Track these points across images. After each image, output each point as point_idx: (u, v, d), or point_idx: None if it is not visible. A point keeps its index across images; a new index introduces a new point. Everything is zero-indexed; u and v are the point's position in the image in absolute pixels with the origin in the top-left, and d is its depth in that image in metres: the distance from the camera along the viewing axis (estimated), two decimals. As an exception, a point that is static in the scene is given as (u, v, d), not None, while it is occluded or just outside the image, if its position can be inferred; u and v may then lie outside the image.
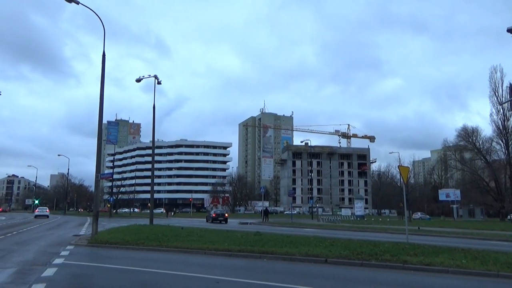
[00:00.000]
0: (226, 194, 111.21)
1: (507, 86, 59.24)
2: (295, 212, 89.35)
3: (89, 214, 67.28)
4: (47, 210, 59.54)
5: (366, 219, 53.51)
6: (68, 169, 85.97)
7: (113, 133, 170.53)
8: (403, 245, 14.61)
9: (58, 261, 11.04)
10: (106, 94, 19.41)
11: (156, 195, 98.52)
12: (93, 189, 32.90)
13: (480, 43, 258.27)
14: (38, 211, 56.99)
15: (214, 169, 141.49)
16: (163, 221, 40.29)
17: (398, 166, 21.84)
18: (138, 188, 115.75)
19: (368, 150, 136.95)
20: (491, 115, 60.50)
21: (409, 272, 10.11)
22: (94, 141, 20.51)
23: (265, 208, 52.00)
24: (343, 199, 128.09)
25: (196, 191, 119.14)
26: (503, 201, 60.45)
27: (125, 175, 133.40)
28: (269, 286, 8.18)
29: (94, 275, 9.28)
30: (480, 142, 65.43)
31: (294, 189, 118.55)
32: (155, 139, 37.94)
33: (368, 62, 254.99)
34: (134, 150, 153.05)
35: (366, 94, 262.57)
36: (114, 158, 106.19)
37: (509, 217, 60.20)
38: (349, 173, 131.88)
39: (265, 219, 44.38)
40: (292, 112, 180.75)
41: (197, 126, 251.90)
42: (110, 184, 77.10)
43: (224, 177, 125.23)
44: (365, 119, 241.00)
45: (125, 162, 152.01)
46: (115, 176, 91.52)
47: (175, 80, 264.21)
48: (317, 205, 78.04)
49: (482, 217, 64.62)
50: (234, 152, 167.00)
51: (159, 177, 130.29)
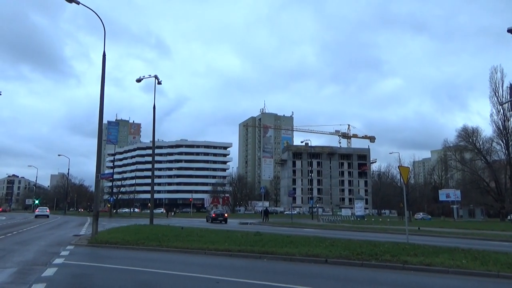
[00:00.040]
0: (226, 194, 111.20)
1: (508, 87, 59.38)
2: (295, 212, 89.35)
3: (89, 214, 67.34)
4: (47, 210, 59.99)
5: (366, 219, 53.50)
6: (68, 169, 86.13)
7: (113, 133, 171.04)
8: (403, 245, 14.60)
9: (58, 261, 11.05)
10: (106, 94, 19.43)
11: (156, 195, 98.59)
12: (93, 189, 32.92)
13: (480, 43, 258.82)
14: (38, 211, 57.41)
15: (214, 169, 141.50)
16: (163, 221, 40.30)
17: (398, 167, 21.84)
18: (138, 188, 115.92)
19: (368, 150, 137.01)
20: (491, 116, 60.57)
21: (409, 272, 10.11)
22: (94, 141, 20.54)
23: (265, 208, 52.04)
24: (343, 199, 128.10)
25: (196, 191, 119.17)
26: (503, 201, 60.42)
27: (125, 175, 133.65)
28: (269, 286, 8.18)
29: (94, 275, 9.28)
30: (480, 143, 65.49)
31: (294, 189, 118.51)
32: (155, 139, 37.94)
33: (368, 62, 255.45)
34: (134, 150, 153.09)
35: (366, 94, 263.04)
36: (114, 158, 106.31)
37: (509, 217, 60.14)
38: (349, 173, 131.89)
39: (265, 219, 44.39)
40: (292, 112, 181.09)
41: (197, 126, 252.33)
42: (110, 184, 77.13)
43: (224, 177, 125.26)
44: (365, 119, 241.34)
45: (125, 162, 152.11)
46: (115, 176, 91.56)
47: (175, 80, 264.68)
48: (317, 205, 78.04)
49: (482, 217, 64.63)
50: (234, 152, 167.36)
51: (159, 177, 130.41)
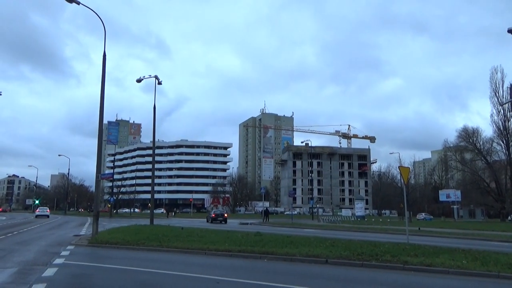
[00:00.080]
0: (227, 195, 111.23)
1: (508, 87, 59.38)
2: (296, 212, 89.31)
3: (89, 214, 67.37)
4: (48, 210, 60.26)
5: (366, 220, 53.46)
6: (68, 169, 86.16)
7: (113, 133, 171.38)
8: (404, 245, 14.60)
9: (58, 261, 11.04)
10: (107, 94, 19.42)
11: (156, 195, 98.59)
12: (93, 189, 32.91)
13: (480, 44, 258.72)
14: (38, 211, 57.57)
15: (215, 169, 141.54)
16: (164, 221, 40.29)
17: (399, 167, 21.84)
18: (139, 188, 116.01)
19: (368, 150, 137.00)
20: (492, 116, 60.66)
21: (409, 272, 10.11)
22: (95, 141, 20.57)
23: (265, 208, 52.02)
24: (344, 200, 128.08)
25: (196, 192, 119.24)
26: (504, 201, 60.42)
27: (125, 175, 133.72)
28: (269, 287, 8.17)
29: (94, 275, 9.28)
30: (480, 143, 65.52)
31: (295, 189, 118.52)
32: (156, 139, 37.94)
33: (368, 62, 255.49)
34: (134, 150, 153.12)
35: (367, 94, 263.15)
36: (114, 158, 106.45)
37: (509, 217, 60.24)
38: (349, 173, 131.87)
39: (265, 220, 44.36)
40: (292, 112, 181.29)
41: (197, 126, 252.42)
42: (110, 184, 77.13)
43: (224, 177, 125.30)
44: (365, 120, 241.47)
45: (125, 162, 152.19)
46: (116, 176, 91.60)
47: (175, 80, 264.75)
48: (317, 205, 78.07)
49: (483, 217, 64.60)
50: (234, 152, 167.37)
51: (160, 177, 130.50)
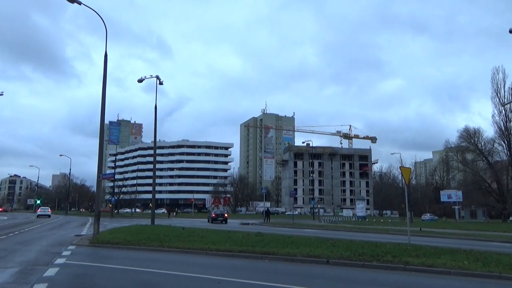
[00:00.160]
0: (228, 195, 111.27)
1: (510, 87, 59.47)
2: (297, 212, 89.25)
3: (90, 214, 67.34)
4: (49, 210, 60.75)
5: (367, 220, 53.36)
6: (70, 169, 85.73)
7: (114, 133, 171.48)
8: (405, 246, 14.58)
9: (59, 261, 11.05)
10: (108, 94, 19.40)
11: (157, 196, 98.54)
12: (94, 189, 32.96)
13: (481, 44, 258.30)
14: (40, 211, 57.94)
15: (216, 169, 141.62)
16: (165, 221, 40.33)
17: (400, 167, 21.83)
18: (140, 188, 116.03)
19: (369, 151, 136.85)
20: (493, 116, 60.46)
21: (410, 273, 10.09)
22: (96, 141, 20.75)
23: (266, 208, 52.05)
24: (345, 200, 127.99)
25: (197, 192, 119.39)
26: (505, 202, 60.32)
27: (126, 175, 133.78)
28: (270, 287, 8.17)
29: (95, 275, 9.28)
30: (482, 143, 65.45)
31: (296, 189, 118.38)
32: (157, 139, 37.98)
33: (369, 62, 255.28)
34: (135, 150, 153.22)
35: (367, 94, 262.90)
36: (115, 158, 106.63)
37: (511, 218, 60.15)
38: (350, 174, 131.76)
39: (266, 220, 44.34)
40: (293, 112, 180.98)
41: (198, 127, 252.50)
42: (111, 184, 77.17)
43: (225, 177, 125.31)
44: (366, 120, 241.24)
45: (126, 162, 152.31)
46: (117, 176, 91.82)
47: (176, 80, 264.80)
48: (318, 206, 78.08)
49: (484, 218, 64.55)
50: (235, 152, 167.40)
51: (161, 177, 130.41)
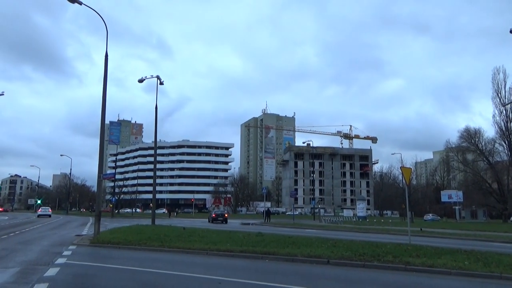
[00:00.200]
0: (228, 195, 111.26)
1: (510, 88, 59.48)
2: (297, 213, 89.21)
3: (91, 214, 67.34)
4: (50, 210, 60.99)
5: (368, 220, 53.35)
6: (70, 169, 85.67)
7: (115, 133, 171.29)
8: (406, 246, 14.58)
9: (60, 261, 11.06)
10: (108, 94, 19.37)
11: (158, 196, 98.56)
12: (95, 189, 33.02)
13: (482, 44, 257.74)
14: (41, 211, 58.21)
15: (216, 169, 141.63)
16: (165, 221, 40.35)
17: (401, 167, 21.83)
18: (140, 188, 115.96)
19: (370, 151, 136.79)
20: (494, 117, 60.39)
21: (411, 273, 10.09)
22: (96, 141, 20.77)
23: (267, 208, 52.07)
24: (345, 200, 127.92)
25: (198, 192, 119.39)
26: (506, 202, 60.23)
27: (127, 175, 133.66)
28: (271, 287, 8.18)
29: (96, 275, 9.29)
30: (482, 144, 65.35)
31: (296, 190, 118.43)
32: (157, 140, 37.98)
33: (369, 62, 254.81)
34: (136, 150, 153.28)
35: (368, 95, 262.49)
36: (116, 158, 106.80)
37: (511, 218, 60.09)
38: (351, 174, 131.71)
39: (267, 220, 44.36)
40: (294, 112, 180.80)
41: (199, 127, 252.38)
42: (112, 184, 77.22)
43: (226, 177, 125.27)
44: (367, 120, 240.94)
45: (127, 162, 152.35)
46: (117, 176, 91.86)
47: (177, 80, 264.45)
48: (319, 206, 78.07)
49: (485, 218, 64.51)
50: (236, 152, 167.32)
51: (161, 177, 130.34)
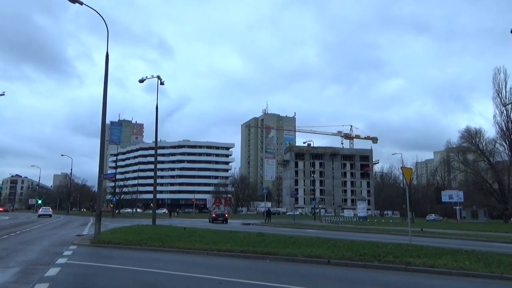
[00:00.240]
0: (229, 195, 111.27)
1: (511, 88, 59.51)
2: (298, 213, 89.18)
3: (92, 214, 67.41)
4: (50, 210, 61.19)
5: (368, 220, 53.31)
6: (71, 169, 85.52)
7: (116, 133, 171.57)
8: (406, 246, 14.57)
9: (61, 261, 11.07)
10: (109, 94, 19.38)
11: (158, 196, 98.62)
12: (96, 189, 33.06)
13: (482, 44, 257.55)
14: (41, 211, 58.43)
15: (217, 169, 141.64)
16: (166, 221, 40.33)
17: (401, 168, 21.82)
18: (141, 188, 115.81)
19: (370, 151, 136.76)
20: (495, 117, 60.49)
21: (412, 273, 10.09)
22: (97, 141, 20.79)
23: (267, 209, 52.01)
24: (346, 200, 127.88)
25: (198, 192, 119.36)
26: (507, 202, 60.21)
27: (127, 175, 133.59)
28: (271, 287, 8.18)
29: (96, 275, 9.29)
30: (483, 144, 65.40)
31: (297, 190, 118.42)
32: (158, 140, 37.97)
33: (370, 63, 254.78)
34: (136, 150, 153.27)
35: (369, 95, 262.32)
36: (117, 158, 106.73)
37: (512, 219, 60.08)
38: (351, 174, 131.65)
39: (267, 220, 44.34)
40: (294, 113, 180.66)
41: (199, 127, 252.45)
42: (113, 184, 77.26)
43: (226, 177, 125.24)
44: (367, 120, 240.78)
45: (128, 162, 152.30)
46: (118, 176, 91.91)
47: (177, 80, 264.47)
48: (319, 206, 78.06)
49: (485, 218, 64.53)
50: (236, 152, 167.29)
51: (162, 177, 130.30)
